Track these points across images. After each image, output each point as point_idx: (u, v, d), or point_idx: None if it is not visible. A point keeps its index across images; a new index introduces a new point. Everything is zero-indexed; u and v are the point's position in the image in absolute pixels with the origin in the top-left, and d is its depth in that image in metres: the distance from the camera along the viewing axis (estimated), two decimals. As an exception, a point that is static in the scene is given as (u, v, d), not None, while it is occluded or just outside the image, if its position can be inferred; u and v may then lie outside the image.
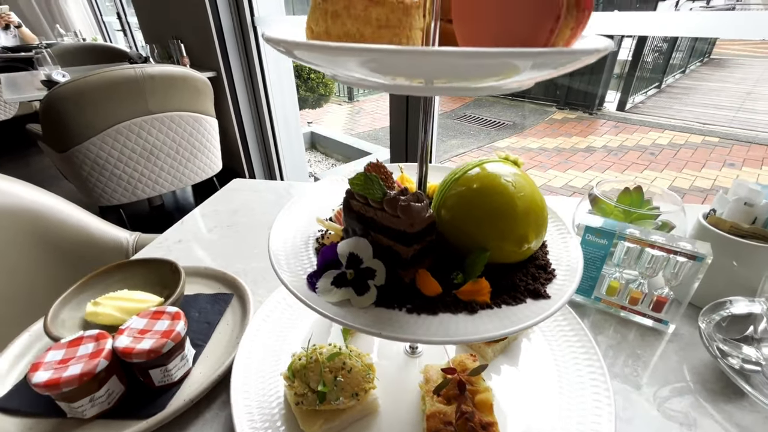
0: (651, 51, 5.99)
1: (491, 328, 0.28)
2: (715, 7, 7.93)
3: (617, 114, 5.31)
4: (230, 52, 2.40)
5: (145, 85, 1.93)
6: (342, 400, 0.39)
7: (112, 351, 0.42)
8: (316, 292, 0.32)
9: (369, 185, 0.32)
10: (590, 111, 5.36)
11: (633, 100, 5.58)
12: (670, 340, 0.54)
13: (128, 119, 1.96)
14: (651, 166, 3.81)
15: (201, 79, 2.08)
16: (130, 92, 1.90)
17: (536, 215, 0.33)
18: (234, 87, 2.49)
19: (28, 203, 0.94)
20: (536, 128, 4.97)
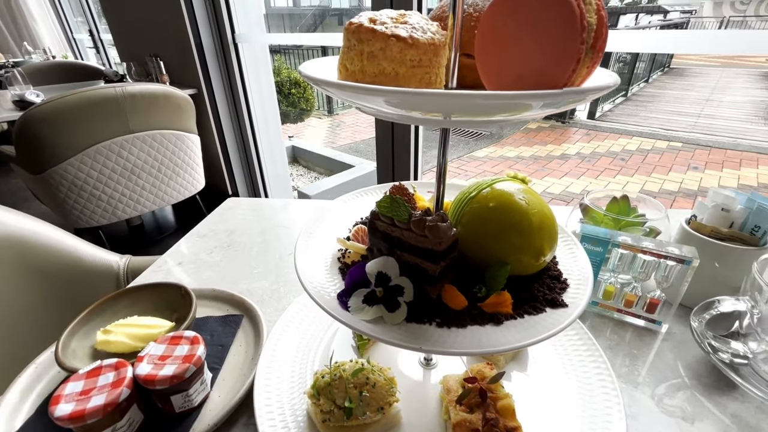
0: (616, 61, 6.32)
1: (520, 337, 0.30)
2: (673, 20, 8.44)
3: (588, 122, 5.56)
4: (211, 69, 2.39)
5: (126, 104, 1.90)
6: (368, 414, 0.41)
7: (134, 379, 0.42)
8: (349, 310, 0.34)
9: (396, 207, 0.34)
10: (563, 120, 5.59)
11: (602, 108, 5.86)
12: (664, 339, 0.57)
13: (108, 139, 1.92)
14: (623, 171, 3.99)
15: (183, 96, 2.07)
16: (110, 111, 1.87)
17: (549, 229, 0.36)
18: (215, 103, 2.47)
19: (12, 230, 0.91)
20: (513, 137, 5.14)
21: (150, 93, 1.96)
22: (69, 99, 1.74)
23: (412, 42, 0.26)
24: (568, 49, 0.22)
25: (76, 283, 0.93)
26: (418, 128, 1.82)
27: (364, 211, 0.50)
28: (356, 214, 0.49)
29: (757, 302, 0.46)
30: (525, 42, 0.24)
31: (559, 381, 0.49)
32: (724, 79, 7.62)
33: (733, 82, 7.27)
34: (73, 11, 4.86)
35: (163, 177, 2.19)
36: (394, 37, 0.25)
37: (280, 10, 10.32)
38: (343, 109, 6.29)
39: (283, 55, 6.18)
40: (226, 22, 2.22)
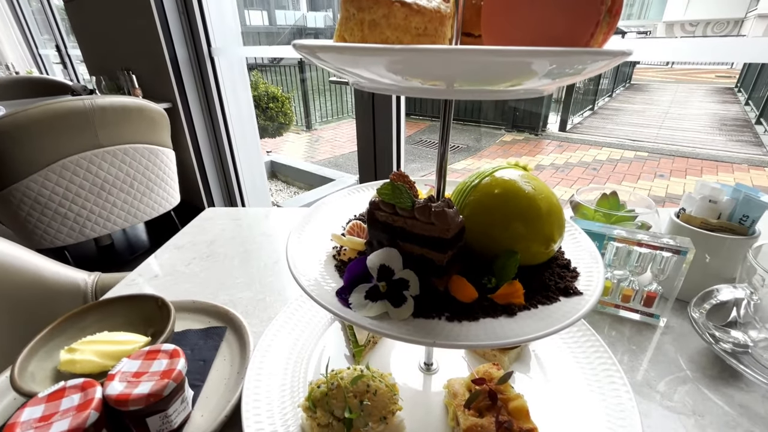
0: (582, 78, 6.60)
1: (538, 327, 0.28)
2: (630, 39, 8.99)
3: (560, 134, 5.77)
4: (186, 83, 2.34)
5: (95, 117, 1.82)
6: (371, 425, 0.37)
7: (103, 400, 0.37)
8: (350, 307, 0.31)
9: (398, 194, 0.32)
10: (536, 132, 5.77)
11: (572, 121, 6.10)
12: (663, 333, 0.57)
13: (75, 153, 1.82)
14: (595, 180, 4.14)
15: (157, 110, 2.00)
16: (77, 125, 1.78)
17: (557, 215, 0.35)
18: (191, 118, 2.41)
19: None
20: (489, 150, 5.26)
21: (122, 106, 1.88)
22: (32, 112, 1.65)
23: (418, 8, 0.24)
24: (587, 11, 0.21)
25: (38, 304, 0.85)
26: (400, 138, 1.83)
27: (357, 209, 0.47)
28: (349, 212, 0.47)
29: (757, 289, 0.46)
30: (540, 5, 0.22)
31: (567, 379, 0.47)
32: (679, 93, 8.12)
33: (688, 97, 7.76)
34: (39, 29, 4.70)
35: (135, 193, 2.09)
36: (398, 2, 0.24)
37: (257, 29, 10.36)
38: (321, 124, 6.30)
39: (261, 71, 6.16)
40: (202, 35, 2.18)
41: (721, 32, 12.83)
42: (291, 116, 3.96)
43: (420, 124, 6.28)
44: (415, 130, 6.03)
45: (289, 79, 6.12)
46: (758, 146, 4.69)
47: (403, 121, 1.85)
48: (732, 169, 4.10)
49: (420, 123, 6.34)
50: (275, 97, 3.72)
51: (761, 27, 10.53)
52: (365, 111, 1.87)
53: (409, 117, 6.66)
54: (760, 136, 4.95)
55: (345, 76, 0.29)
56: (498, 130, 6.00)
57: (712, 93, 8.02)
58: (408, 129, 6.14)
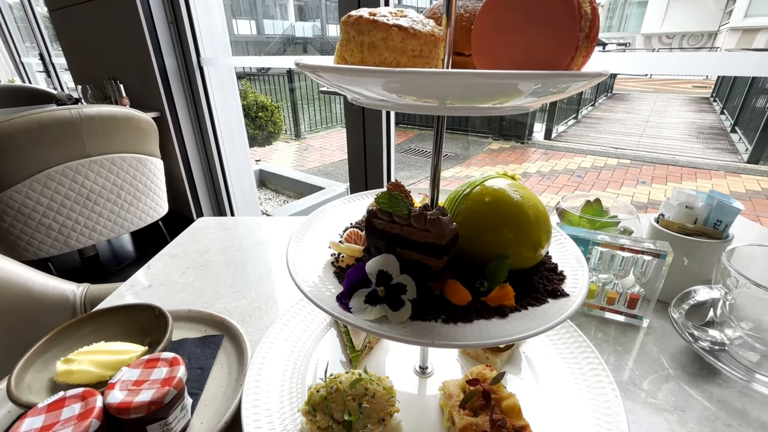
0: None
1: (529, 327, 0.30)
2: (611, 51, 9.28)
3: (545, 142, 5.90)
4: (175, 93, 2.34)
5: (83, 127, 1.80)
6: (369, 427, 0.38)
7: (104, 409, 0.37)
8: (351, 312, 0.32)
9: (395, 203, 0.33)
10: (522, 141, 5.90)
11: (557, 129, 6.25)
12: (646, 333, 0.59)
13: (61, 163, 1.80)
14: (580, 187, 4.24)
15: (145, 119, 1.99)
16: (64, 135, 1.76)
17: (544, 221, 0.37)
18: (180, 127, 2.40)
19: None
20: (477, 158, 5.34)
21: (110, 115, 1.87)
22: (17, 121, 1.63)
23: (414, 32, 0.26)
24: (567, 37, 0.23)
25: (26, 316, 0.84)
26: (390, 146, 1.85)
27: (353, 217, 0.49)
28: (345, 220, 0.48)
29: (731, 289, 0.49)
30: (524, 31, 0.25)
31: (556, 379, 0.49)
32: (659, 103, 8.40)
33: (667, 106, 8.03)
34: (22, 36, 4.63)
35: (122, 203, 2.07)
36: (396, 26, 0.26)
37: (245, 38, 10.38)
38: (311, 133, 6.31)
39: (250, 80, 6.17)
40: (191, 45, 2.19)
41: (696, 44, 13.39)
42: (280, 125, 3.97)
43: (409, 133, 6.35)
44: (404, 139, 6.10)
45: (277, 88, 6.13)
46: (734, 153, 4.87)
47: (393, 130, 1.88)
48: (710, 176, 4.25)
49: (409, 132, 6.41)
50: (264, 106, 3.74)
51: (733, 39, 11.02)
52: (355, 120, 1.90)
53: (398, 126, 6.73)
54: (735, 144, 5.15)
55: (343, 92, 0.31)
56: (485, 138, 6.10)
57: (689, 102, 8.32)
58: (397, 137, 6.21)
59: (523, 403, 0.40)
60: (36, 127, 1.67)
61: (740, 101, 5.47)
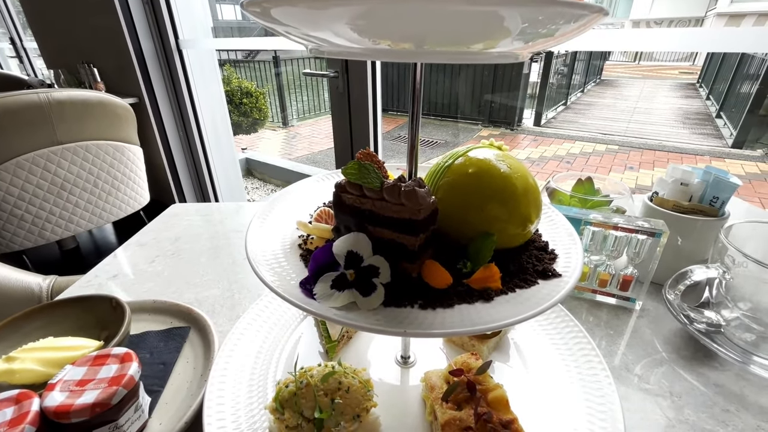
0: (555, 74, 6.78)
1: (516, 311, 0.26)
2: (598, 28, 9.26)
3: (534, 129, 5.88)
4: (153, 77, 2.24)
5: (53, 112, 1.71)
6: (343, 425, 0.35)
7: (41, 413, 0.33)
8: (314, 298, 0.28)
9: (365, 174, 0.29)
10: (512, 127, 5.87)
11: (546, 116, 6.23)
12: (639, 316, 0.57)
13: (31, 151, 1.71)
14: (569, 173, 4.23)
15: (121, 104, 1.90)
16: (33, 120, 1.67)
17: (534, 194, 0.33)
18: (159, 113, 2.31)
19: None
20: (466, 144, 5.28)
21: (82, 100, 1.78)
22: (-20, 106, 1.53)
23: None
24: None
25: (-17, 311, 0.79)
26: (377, 132, 1.80)
27: (326, 196, 0.45)
28: (318, 199, 0.44)
29: (729, 268, 0.46)
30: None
31: (547, 366, 0.46)
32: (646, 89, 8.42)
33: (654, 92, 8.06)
34: (-9, 20, 4.40)
35: (100, 192, 1.98)
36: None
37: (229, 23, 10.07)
38: (299, 120, 6.18)
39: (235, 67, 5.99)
40: (169, 27, 2.09)
41: (684, 30, 13.38)
42: (266, 112, 3.87)
43: (398, 120, 6.27)
44: (394, 126, 6.02)
45: (263, 75, 5.97)
46: (719, 138, 4.91)
47: (380, 116, 1.83)
48: (695, 161, 4.28)
49: (398, 119, 6.32)
50: (249, 92, 3.62)
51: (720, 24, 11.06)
52: (341, 105, 1.84)
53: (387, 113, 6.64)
54: (720, 129, 5.19)
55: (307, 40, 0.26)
56: (475, 125, 6.05)
57: (676, 88, 8.36)
58: (386, 125, 6.13)
59: (511, 393, 0.37)
60: (1, 112, 1.58)
61: (725, 87, 5.51)
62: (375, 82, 1.72)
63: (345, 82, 1.77)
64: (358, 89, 1.75)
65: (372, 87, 1.73)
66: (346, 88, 1.78)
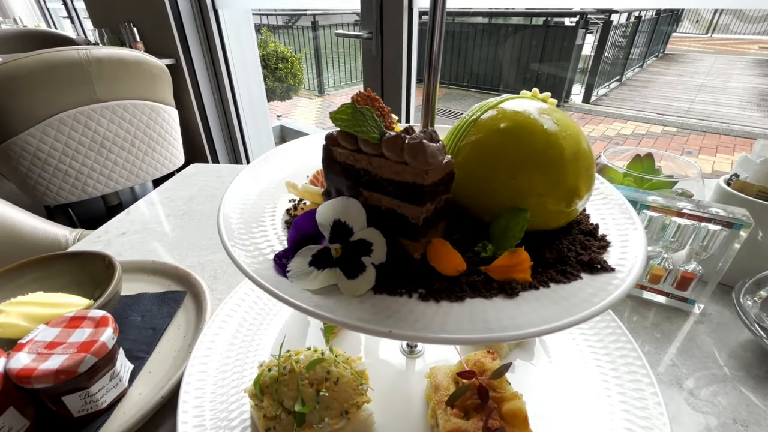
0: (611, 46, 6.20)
1: (546, 316, 0.20)
2: None
3: (583, 106, 5.46)
4: (190, 38, 2.22)
5: (92, 70, 1.74)
6: (327, 421, 0.30)
7: (4, 375, 0.30)
8: (287, 276, 0.22)
9: (360, 121, 0.22)
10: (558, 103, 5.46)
11: (597, 92, 5.76)
12: (698, 321, 0.47)
13: (73, 108, 1.76)
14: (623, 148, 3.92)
15: (157, 64, 1.90)
16: (73, 77, 1.71)
17: (586, 161, 0.25)
18: (195, 75, 2.31)
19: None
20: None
21: (119, 58, 1.79)
22: (24, 61, 1.57)
23: None
24: None
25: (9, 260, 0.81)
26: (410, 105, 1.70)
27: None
28: (320, 160, 0.38)
29: (835, 274, 0.36)
30: None
31: (579, 372, 0.39)
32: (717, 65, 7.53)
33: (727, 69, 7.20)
34: (47, -21, 4.56)
35: (137, 151, 2.03)
36: None
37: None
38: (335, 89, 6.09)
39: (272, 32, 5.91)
40: (205, -16, 2.04)
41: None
42: (301, 78, 3.80)
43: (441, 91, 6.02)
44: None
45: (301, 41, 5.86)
46: (802, 124, 4.34)
47: (414, 87, 1.72)
48: (769, 148, 3.81)
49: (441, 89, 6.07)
50: (285, 57, 3.56)
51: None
52: (373, 70, 1.74)
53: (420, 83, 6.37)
54: (805, 114, 4.58)
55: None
56: (518, 99, 5.71)
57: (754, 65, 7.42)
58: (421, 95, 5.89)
59: (532, 402, 0.31)
60: (43, 68, 1.62)
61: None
62: (411, 45, 1.60)
63: (379, 45, 1.66)
64: (393, 53, 1.64)
65: (407, 50, 1.61)
66: (380, 50, 1.68)
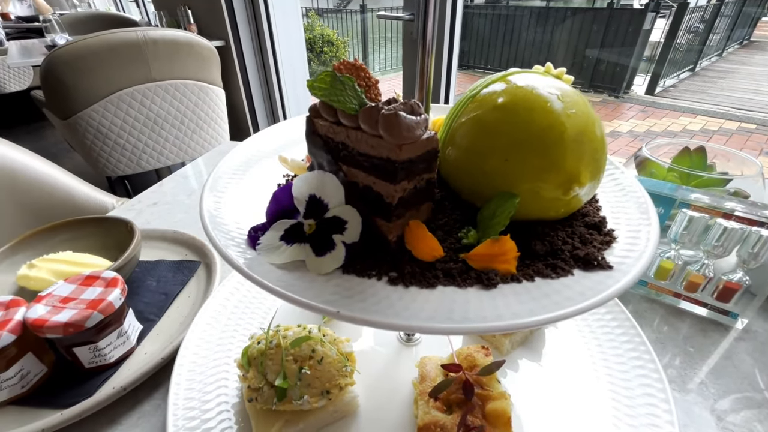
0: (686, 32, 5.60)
1: (520, 311, 0.18)
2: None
3: (646, 98, 5.00)
4: (239, 21, 2.29)
5: (148, 50, 1.85)
6: (307, 399, 0.30)
7: (23, 323, 0.33)
8: (256, 249, 0.22)
9: (339, 90, 0.21)
10: (616, 94, 5.05)
11: (664, 83, 5.24)
12: (739, 338, 0.42)
13: (130, 86, 1.88)
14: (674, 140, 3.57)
15: (207, 46, 1.98)
16: (131, 57, 1.82)
17: (593, 145, 0.22)
18: (243, 57, 2.38)
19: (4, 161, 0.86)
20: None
21: (172, 39, 1.89)
22: (89, 41, 1.70)
23: None
24: None
25: (61, 220, 0.89)
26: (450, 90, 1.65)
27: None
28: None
29: None
30: None
31: (585, 379, 0.36)
32: (816, 55, 6.59)
33: (828, 60, 6.28)
34: (116, -35, 4.86)
35: (186, 129, 2.15)
36: None
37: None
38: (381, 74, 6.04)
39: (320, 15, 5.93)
40: (255, -33, 2.08)
41: None
42: (345, 62, 3.81)
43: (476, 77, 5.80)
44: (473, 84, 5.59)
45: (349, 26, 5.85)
46: None
47: (455, 72, 1.66)
48: None
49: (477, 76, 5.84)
50: (330, 41, 3.58)
51: None
52: (413, 55, 1.70)
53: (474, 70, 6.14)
54: None
55: None
56: (572, 89, 5.34)
57: None
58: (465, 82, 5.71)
59: (528, 406, 0.29)
60: (105, 47, 1.74)
61: None
62: (454, 28, 1.54)
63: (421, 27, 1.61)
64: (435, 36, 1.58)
65: (450, 33, 1.55)
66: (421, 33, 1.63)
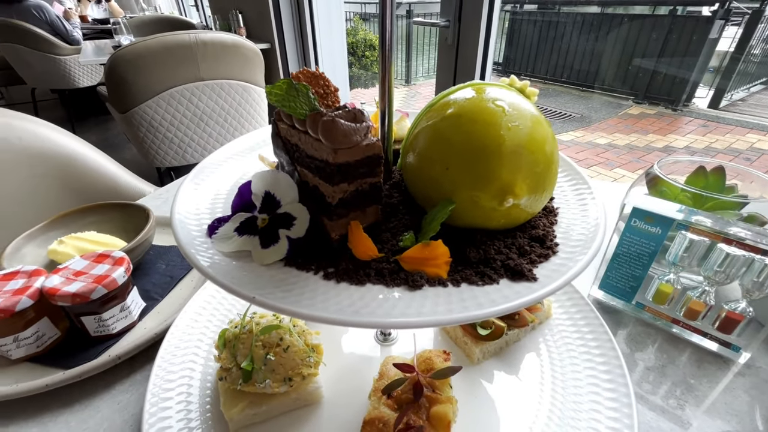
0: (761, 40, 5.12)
1: (427, 311, 0.18)
2: None
3: (708, 112, 4.62)
4: (285, 25, 2.40)
5: (198, 51, 1.98)
6: (269, 383, 0.32)
7: (40, 291, 0.38)
8: (211, 238, 0.24)
9: (292, 97, 0.23)
10: (674, 107, 4.70)
11: (731, 96, 4.81)
12: (740, 373, 0.39)
13: (181, 84, 2.02)
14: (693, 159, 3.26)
15: (251, 48, 2.09)
16: (183, 57, 1.96)
17: (533, 159, 0.22)
18: (287, 60, 2.49)
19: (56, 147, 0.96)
20: (607, 122, 4.48)
21: (220, 41, 2.01)
22: (149, 43, 1.85)
23: None
24: None
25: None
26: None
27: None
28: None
29: None
30: None
31: (547, 397, 0.35)
32: None
33: None
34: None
35: (228, 127, 2.28)
36: None
37: (372, -25, 10.08)
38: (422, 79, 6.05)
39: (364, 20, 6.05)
40: (302, -27, 2.17)
41: None
42: (386, 67, 3.85)
43: (528, 87, 5.61)
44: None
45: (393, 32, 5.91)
46: None
47: (489, 73, 1.64)
48: None
49: (529, 85, 5.66)
50: (372, 45, 3.64)
51: None
52: (447, 61, 1.70)
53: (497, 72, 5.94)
54: None
55: None
56: (625, 100, 5.04)
57: None
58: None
59: (483, 415, 0.29)
60: (162, 48, 1.88)
61: None
62: (489, 35, 1.52)
63: (456, 33, 1.61)
64: (469, 42, 1.58)
65: (485, 40, 1.54)
66: (456, 39, 1.63)
